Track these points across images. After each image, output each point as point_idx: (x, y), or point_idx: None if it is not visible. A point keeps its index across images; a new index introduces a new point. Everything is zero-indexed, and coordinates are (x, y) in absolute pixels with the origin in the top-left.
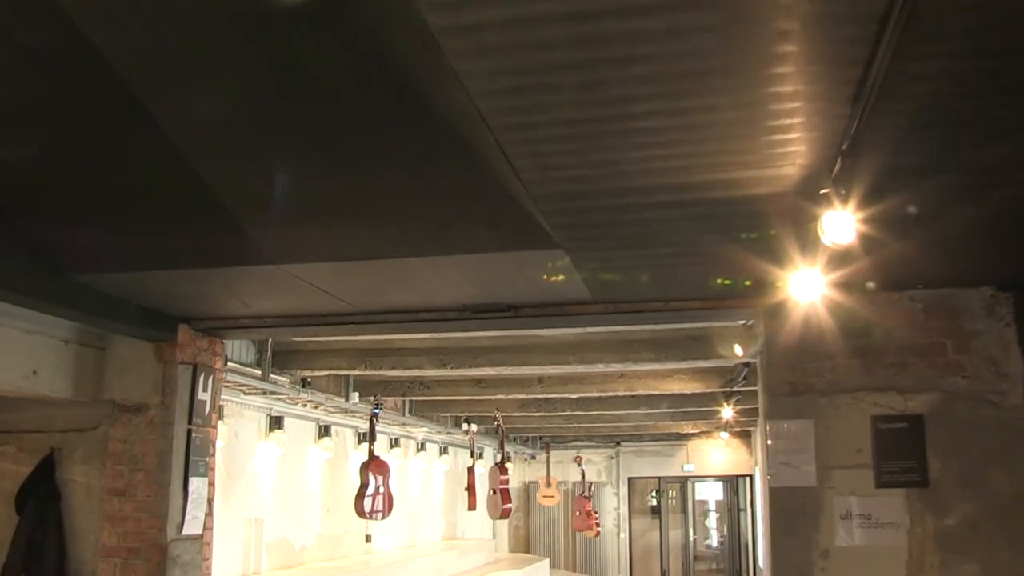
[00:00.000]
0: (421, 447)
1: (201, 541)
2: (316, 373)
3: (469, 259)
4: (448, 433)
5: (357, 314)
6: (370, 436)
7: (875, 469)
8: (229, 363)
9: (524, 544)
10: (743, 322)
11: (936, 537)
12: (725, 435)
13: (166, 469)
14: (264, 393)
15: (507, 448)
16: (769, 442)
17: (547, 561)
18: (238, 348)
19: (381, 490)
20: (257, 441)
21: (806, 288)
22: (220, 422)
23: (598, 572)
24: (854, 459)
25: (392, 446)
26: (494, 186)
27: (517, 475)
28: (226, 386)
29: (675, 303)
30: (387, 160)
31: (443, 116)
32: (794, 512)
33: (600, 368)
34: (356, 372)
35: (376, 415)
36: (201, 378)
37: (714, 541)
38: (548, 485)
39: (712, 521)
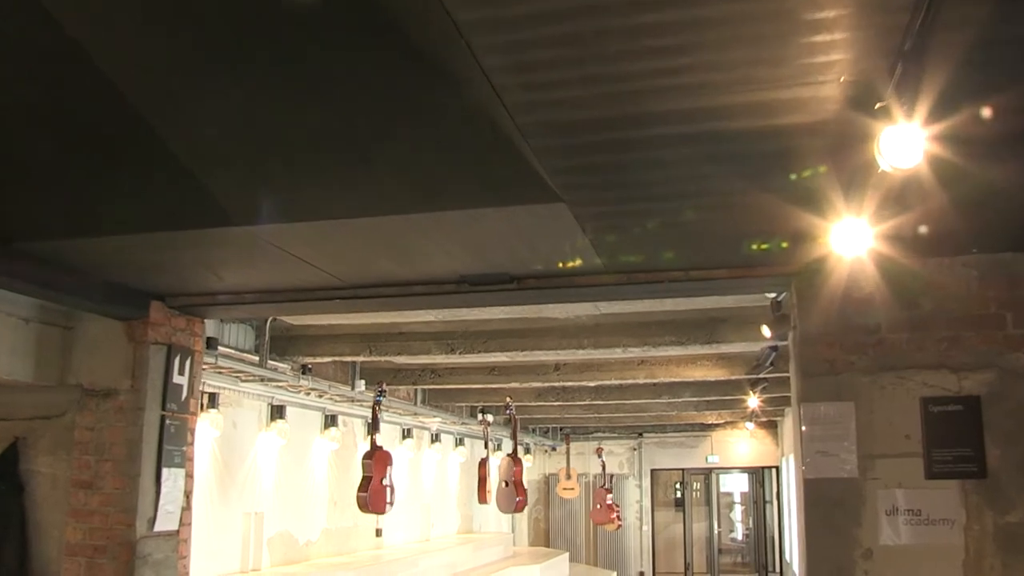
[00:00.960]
0: (435, 438)
1: (177, 538)
2: (318, 359)
3: (456, 217)
4: (463, 423)
5: (345, 288)
6: (373, 425)
7: (925, 458)
8: (225, 348)
9: (544, 538)
10: (773, 295)
11: (996, 536)
12: (751, 425)
13: (136, 459)
14: (262, 380)
15: (526, 440)
16: (804, 428)
17: (566, 555)
18: (235, 333)
19: (385, 482)
20: (258, 431)
21: (850, 242)
22: (215, 411)
23: (620, 566)
24: (901, 447)
25: (404, 437)
26: (481, 128)
27: (537, 467)
28: (220, 372)
29: (697, 272)
30: (359, 101)
31: (421, 47)
32: (833, 506)
33: (618, 353)
34: (361, 358)
35: (379, 403)
36: (177, 360)
37: (739, 534)
38: (568, 477)
39: (737, 514)
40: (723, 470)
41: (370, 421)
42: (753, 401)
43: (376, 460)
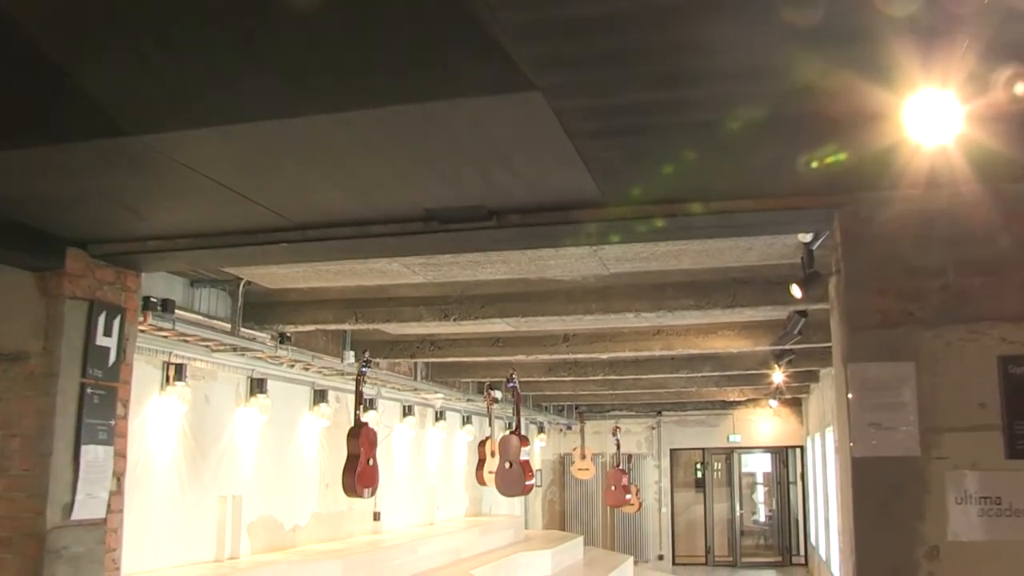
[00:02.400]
0: (440, 416)
1: (103, 528)
2: (300, 328)
3: (404, 119)
4: (469, 400)
5: (291, 229)
6: (356, 400)
7: (1005, 432)
8: (190, 313)
9: (560, 520)
10: (806, 242)
11: None
12: (774, 403)
13: (48, 434)
14: (235, 350)
15: (540, 418)
16: (850, 396)
17: (580, 539)
18: (209, 299)
19: (371, 462)
20: (235, 406)
21: (933, 128)
22: (182, 383)
23: (638, 549)
24: (974, 418)
25: (405, 414)
26: None
27: (552, 447)
28: (186, 340)
29: (719, 204)
30: None
31: None
32: (889, 493)
33: (630, 319)
34: (347, 326)
35: (364, 374)
36: (102, 319)
37: (762, 516)
38: (583, 457)
39: (760, 495)
40: (745, 450)
41: (355, 395)
42: (778, 376)
43: (363, 438)
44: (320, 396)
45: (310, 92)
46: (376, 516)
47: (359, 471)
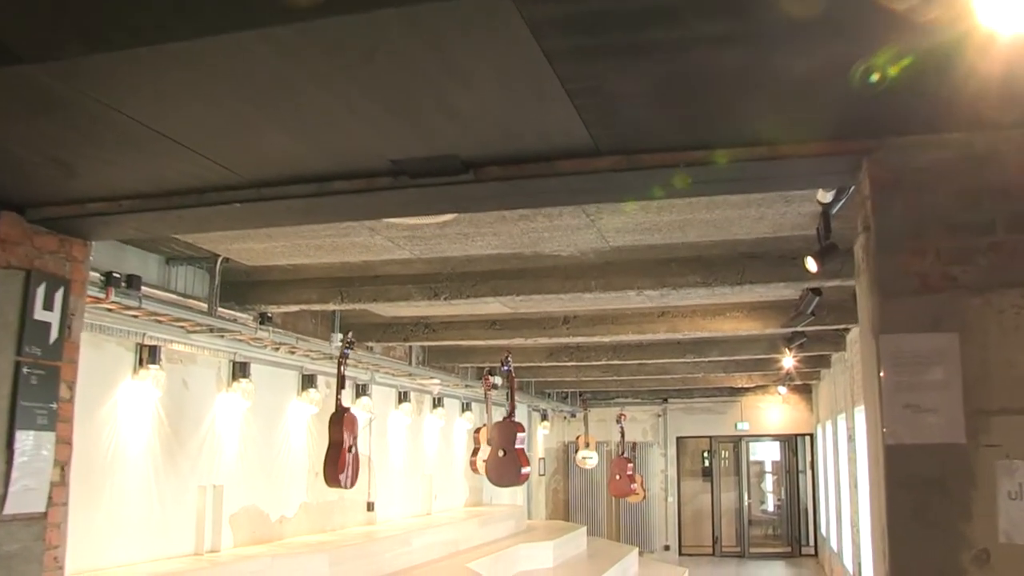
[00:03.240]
0: (438, 402)
1: (43, 523)
2: (284, 308)
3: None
4: (468, 386)
5: (244, 187)
6: (338, 383)
7: None
8: (160, 291)
9: (564, 510)
10: (826, 202)
11: None
12: (783, 390)
13: None
14: (212, 331)
15: (543, 405)
16: (883, 373)
17: (584, 530)
18: (186, 278)
19: (352, 450)
20: (216, 392)
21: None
22: (155, 367)
23: (644, 539)
24: None
25: (401, 400)
26: None
27: (555, 434)
28: (158, 320)
29: (725, 152)
30: None
31: None
32: (928, 487)
33: (632, 298)
34: (332, 306)
35: (346, 356)
36: (42, 290)
37: (770, 505)
38: (586, 445)
39: (768, 484)
40: (753, 438)
41: (337, 379)
42: (788, 361)
43: (346, 424)
44: (308, 381)
45: (226, 5)
46: (370, 506)
47: (342, 460)
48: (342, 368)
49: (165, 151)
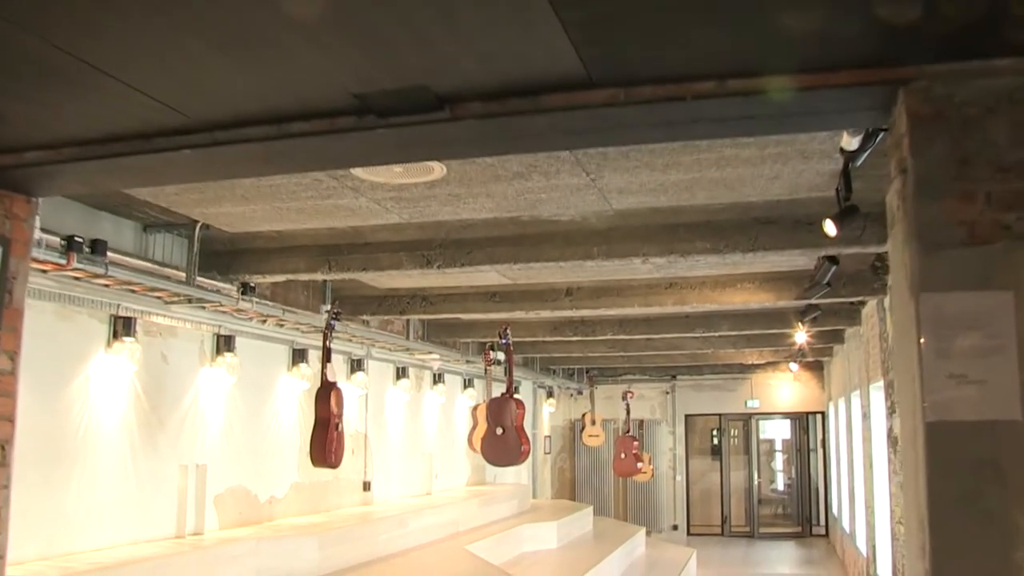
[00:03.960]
0: (438, 378)
1: None
2: (269, 278)
3: None
4: (469, 362)
5: (194, 131)
6: (324, 356)
7: None
8: (130, 258)
9: (570, 489)
10: (852, 145)
11: None
12: (794, 367)
13: None
14: (190, 301)
15: (549, 382)
16: (922, 340)
17: (590, 510)
18: (163, 245)
19: (339, 428)
20: (199, 366)
21: None
22: (130, 339)
23: (652, 518)
24: None
25: (399, 376)
26: None
27: (561, 412)
28: (131, 290)
29: (738, 83)
30: None
31: None
32: (978, 471)
33: (637, 266)
34: (320, 276)
35: (332, 327)
36: None
37: (780, 484)
38: (592, 423)
39: (778, 463)
40: (764, 415)
41: (323, 352)
42: (800, 336)
43: (333, 400)
44: (299, 356)
45: None
46: (366, 486)
47: (329, 437)
48: (328, 340)
49: (103, 90)
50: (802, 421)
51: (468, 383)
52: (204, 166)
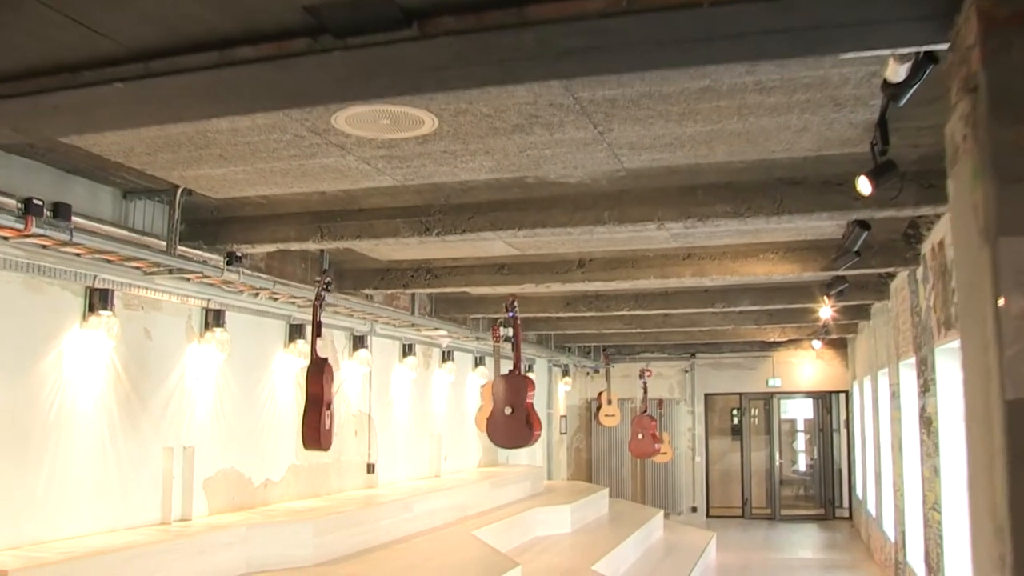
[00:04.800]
0: (447, 356)
1: None
2: (260, 248)
3: None
4: (479, 339)
5: (126, 61)
6: (313, 330)
7: None
8: (93, 223)
9: (586, 469)
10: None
11: None
12: (817, 344)
13: None
14: (171, 272)
15: (564, 360)
16: (1001, 299)
17: (606, 492)
18: (144, 213)
19: (331, 407)
20: (186, 342)
21: None
22: (107, 313)
23: (670, 500)
24: None
25: (405, 354)
26: None
27: (577, 391)
28: (106, 260)
29: None
30: None
31: None
32: None
33: (652, 233)
34: (312, 244)
35: (322, 299)
36: None
37: (802, 465)
38: (609, 403)
39: (800, 443)
40: (785, 394)
41: (312, 323)
42: (825, 311)
43: (325, 377)
44: (297, 332)
45: None
46: (370, 468)
47: (321, 418)
48: (318, 313)
49: (19, 11)
50: (825, 400)
51: (479, 361)
52: (141, 104)
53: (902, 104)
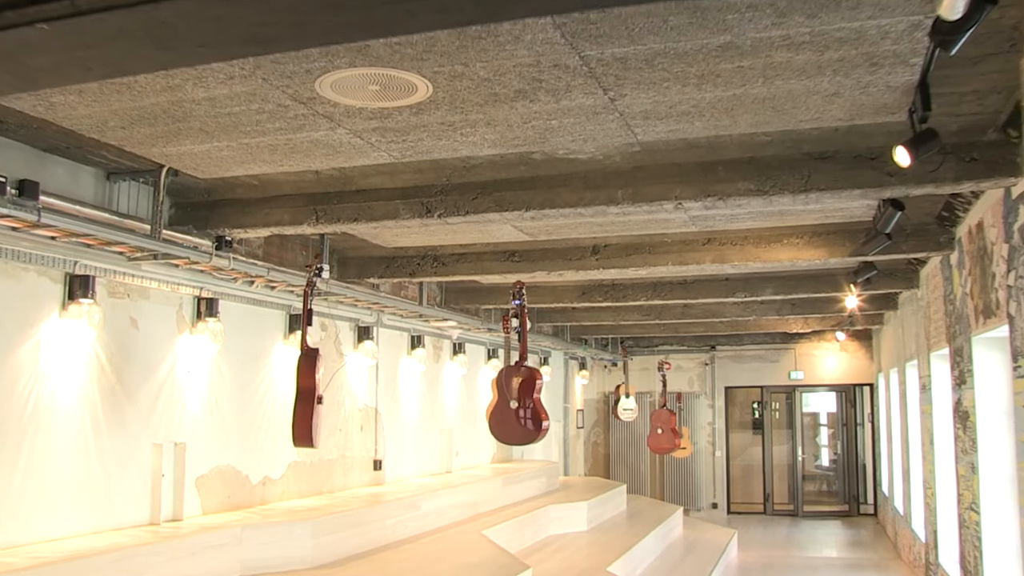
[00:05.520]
0: (458, 348)
1: None
2: (252, 233)
3: None
4: (491, 330)
5: None
6: (304, 319)
7: None
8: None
9: (604, 465)
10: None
11: None
12: (841, 336)
13: None
14: (155, 257)
15: (581, 353)
16: None
17: (623, 488)
18: (130, 195)
19: (321, 401)
20: (177, 333)
21: None
22: (88, 302)
23: (689, 496)
24: None
25: (413, 346)
26: None
27: (595, 384)
28: (87, 245)
29: None
30: None
31: None
32: None
33: (669, 213)
34: (307, 228)
35: (313, 284)
36: None
37: (825, 460)
38: (627, 396)
39: (823, 437)
40: (808, 388)
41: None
42: (851, 300)
43: (318, 368)
44: (297, 322)
45: None
46: (377, 465)
47: (313, 412)
48: (309, 300)
49: None
50: (848, 393)
51: (492, 353)
52: (73, 51)
53: (954, 52)
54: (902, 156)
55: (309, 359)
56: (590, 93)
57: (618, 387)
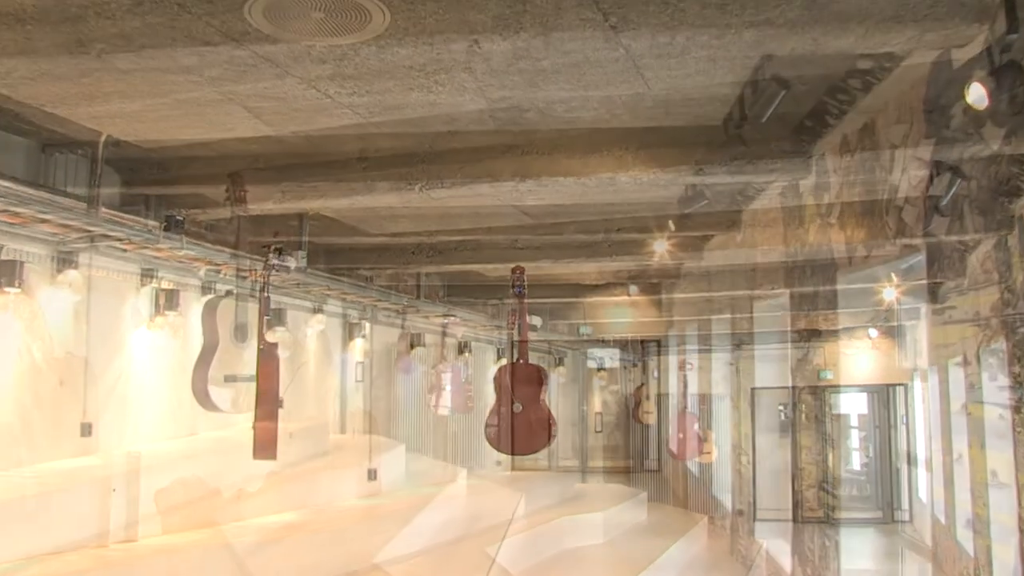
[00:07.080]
0: (464, 347)
1: None
2: (211, 213)
3: None
4: (498, 327)
5: None
6: (261, 309)
7: None
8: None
9: (624, 471)
10: None
11: None
12: (874, 332)
13: None
14: (92, 240)
15: (599, 353)
16: None
17: (643, 496)
18: (68, 170)
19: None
20: (132, 327)
21: None
22: (15, 290)
23: (714, 503)
24: None
25: (414, 344)
26: None
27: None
28: (10, 224)
29: None
30: None
31: None
32: None
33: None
34: (271, 205)
35: (272, 269)
36: None
37: (857, 464)
38: (647, 398)
39: (855, 440)
40: (839, 388)
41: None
42: (889, 292)
43: (275, 366)
44: (276, 317)
45: None
46: (371, 475)
47: (276, 419)
48: (266, 288)
49: None
50: (882, 394)
51: (502, 353)
52: None
53: None
54: (976, 94)
55: (268, 356)
56: (585, 17)
57: (639, 388)
